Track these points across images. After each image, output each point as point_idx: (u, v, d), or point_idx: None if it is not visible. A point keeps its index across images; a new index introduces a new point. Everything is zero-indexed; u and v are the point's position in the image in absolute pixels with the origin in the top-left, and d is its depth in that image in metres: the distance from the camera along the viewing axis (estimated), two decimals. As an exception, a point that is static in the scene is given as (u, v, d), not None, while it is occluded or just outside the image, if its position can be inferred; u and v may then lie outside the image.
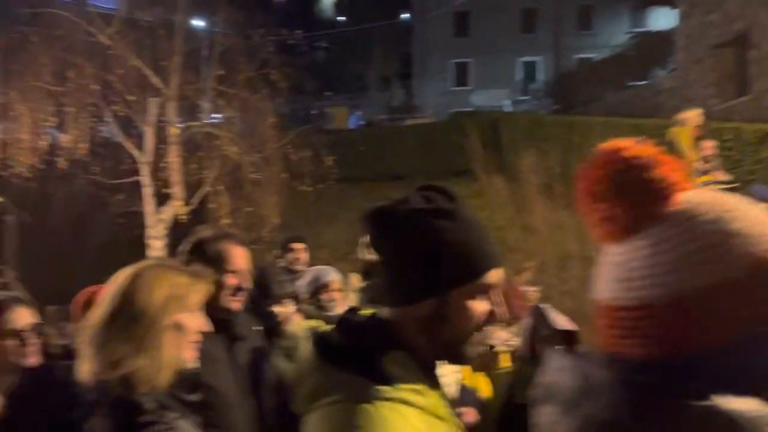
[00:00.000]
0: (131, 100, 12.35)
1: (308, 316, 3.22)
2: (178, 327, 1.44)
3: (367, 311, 1.18)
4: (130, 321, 1.38)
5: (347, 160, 15.32)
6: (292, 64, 13.55)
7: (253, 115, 13.35)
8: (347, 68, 35.22)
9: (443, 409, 1.12)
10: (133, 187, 12.72)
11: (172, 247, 12.23)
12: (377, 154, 19.03)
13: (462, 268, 1.08)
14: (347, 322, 1.15)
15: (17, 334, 1.86)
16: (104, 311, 1.40)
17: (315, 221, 14.56)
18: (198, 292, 1.50)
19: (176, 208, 12.89)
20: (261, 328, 2.37)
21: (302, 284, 3.69)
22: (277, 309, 3.08)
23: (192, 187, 13.01)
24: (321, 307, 3.65)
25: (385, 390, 1.04)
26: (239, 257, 2.20)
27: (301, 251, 4.97)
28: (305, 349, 1.14)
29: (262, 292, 2.91)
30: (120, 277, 1.45)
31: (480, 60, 31.93)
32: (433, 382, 1.14)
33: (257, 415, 2.12)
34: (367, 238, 4.13)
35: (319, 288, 3.68)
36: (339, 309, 3.61)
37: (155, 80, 12.50)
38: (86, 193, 12.91)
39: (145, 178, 12.70)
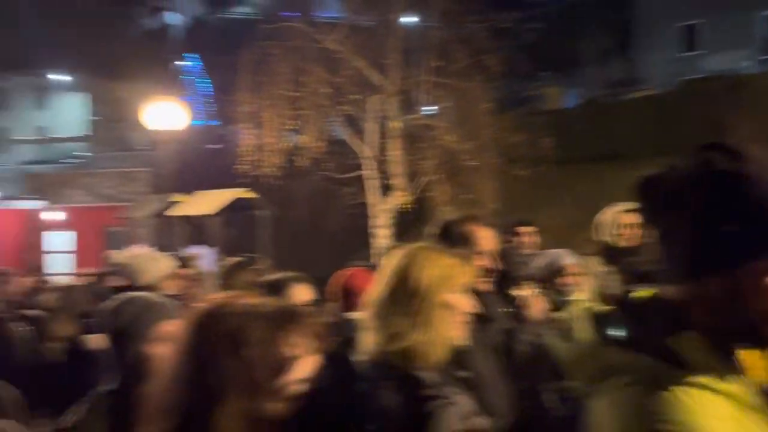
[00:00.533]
0: (355, 99, 13.27)
1: (548, 301, 3.15)
2: (448, 305, 1.50)
3: (644, 291, 1.10)
4: (406, 297, 1.47)
5: (565, 141, 14.67)
6: (505, 48, 13.37)
7: (468, 102, 13.47)
8: (561, 45, 33.74)
9: (752, 397, 1.01)
10: (360, 180, 13.67)
11: (397, 236, 12.91)
12: (598, 133, 17.97)
13: (755, 237, 0.95)
14: (628, 302, 1.09)
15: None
16: (384, 288, 1.51)
17: (532, 206, 14.23)
18: (466, 273, 1.56)
19: (399, 198, 13.56)
20: (509, 309, 2.38)
21: (537, 268, 3.63)
22: (516, 292, 3.06)
23: (414, 177, 13.58)
24: (558, 292, 3.55)
25: (683, 374, 0.96)
26: (486, 238, 2.23)
27: (528, 235, 4.91)
28: (582, 329, 1.10)
29: (503, 275, 2.92)
30: (395, 258, 1.56)
31: (711, 20, 28.40)
32: (735, 368, 1.02)
33: (511, 395, 2.13)
34: (603, 219, 3.92)
35: (554, 272, 3.59)
36: (577, 294, 3.49)
37: (376, 78, 13.26)
38: (320, 187, 14.19)
39: (370, 172, 13.56)
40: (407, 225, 13.82)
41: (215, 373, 1.07)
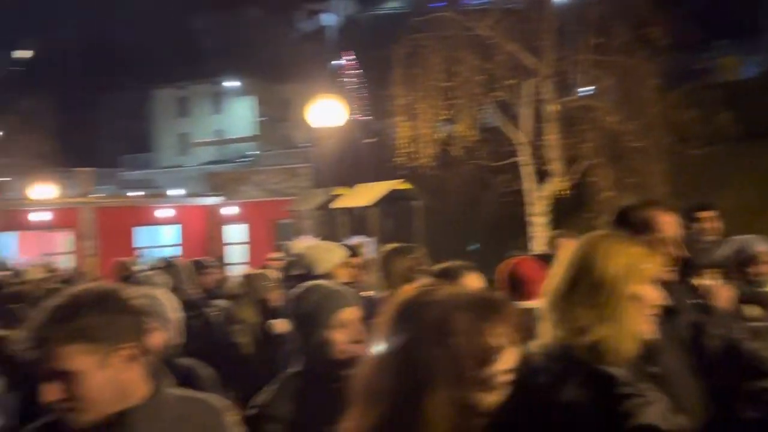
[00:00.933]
0: (509, 85, 12.96)
1: (737, 292, 2.87)
2: (637, 297, 1.41)
3: None
4: (590, 289, 1.40)
5: (746, 116, 13.19)
6: (672, 18, 12.28)
7: (631, 79, 12.59)
8: (736, 9, 30.29)
9: None
10: (514, 168, 13.36)
11: (555, 223, 12.45)
12: (786, 104, 15.95)
13: None
14: None
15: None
16: (564, 279, 1.45)
17: (707, 188, 13.00)
18: (654, 263, 1.46)
19: (556, 184, 13.07)
20: (696, 301, 2.20)
21: (724, 255, 3.32)
22: (698, 281, 2.82)
23: (572, 162, 13.01)
24: (749, 282, 3.24)
25: None
26: (669, 224, 2.07)
27: (710, 219, 4.51)
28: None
29: (685, 263, 2.70)
30: (575, 247, 1.49)
31: None
32: None
33: (701, 393, 1.97)
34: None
35: (745, 260, 3.27)
36: (773, 284, 3.15)
37: (530, 61, 12.84)
38: (473, 176, 14.09)
39: (525, 158, 13.19)
40: (566, 212, 13.26)
41: (423, 362, 1.08)
